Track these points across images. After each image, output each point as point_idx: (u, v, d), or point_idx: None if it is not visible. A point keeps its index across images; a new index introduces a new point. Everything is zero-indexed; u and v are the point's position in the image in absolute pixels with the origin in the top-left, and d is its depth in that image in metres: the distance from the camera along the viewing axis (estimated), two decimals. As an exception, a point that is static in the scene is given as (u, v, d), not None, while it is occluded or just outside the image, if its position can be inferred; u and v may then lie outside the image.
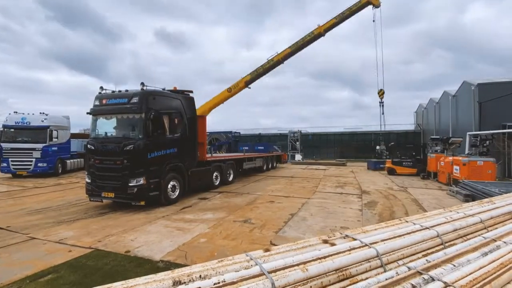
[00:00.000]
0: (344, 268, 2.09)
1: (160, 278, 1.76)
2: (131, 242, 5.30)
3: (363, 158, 28.67)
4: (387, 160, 17.97)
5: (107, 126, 8.67)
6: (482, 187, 8.54)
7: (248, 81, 14.36)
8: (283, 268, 1.96)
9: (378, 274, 2.12)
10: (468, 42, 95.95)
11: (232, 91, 14.66)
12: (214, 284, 1.73)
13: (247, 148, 27.06)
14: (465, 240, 2.88)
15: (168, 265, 4.25)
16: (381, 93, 19.42)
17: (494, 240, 2.62)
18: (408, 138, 31.13)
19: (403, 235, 2.73)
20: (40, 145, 15.66)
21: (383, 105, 19.94)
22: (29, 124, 15.80)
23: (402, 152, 17.27)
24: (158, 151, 8.14)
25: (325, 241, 2.52)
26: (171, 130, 8.69)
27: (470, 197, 8.56)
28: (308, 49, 14.69)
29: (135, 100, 7.86)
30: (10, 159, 15.38)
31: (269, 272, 1.88)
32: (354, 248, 2.36)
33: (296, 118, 77.71)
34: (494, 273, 1.99)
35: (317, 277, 1.94)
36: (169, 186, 8.49)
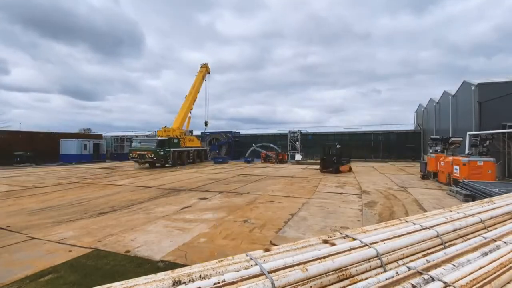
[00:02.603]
0: (344, 268, 2.08)
1: (160, 278, 1.76)
2: (131, 242, 5.30)
3: (363, 158, 28.72)
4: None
5: None
6: (482, 187, 8.54)
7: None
8: (283, 268, 1.96)
9: (378, 274, 2.12)
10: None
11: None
12: (214, 284, 1.73)
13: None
14: (465, 240, 2.87)
15: (168, 265, 4.25)
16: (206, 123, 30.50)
17: (494, 240, 2.62)
18: (408, 138, 31.17)
19: (403, 235, 2.73)
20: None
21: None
22: None
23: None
24: None
25: (325, 241, 2.52)
26: None
27: (470, 197, 8.56)
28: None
29: None
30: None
31: (269, 272, 1.88)
32: (354, 248, 2.36)
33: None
34: (494, 273, 1.99)
35: (317, 277, 1.94)
36: None
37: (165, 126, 25.74)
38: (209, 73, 30.04)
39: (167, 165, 22.87)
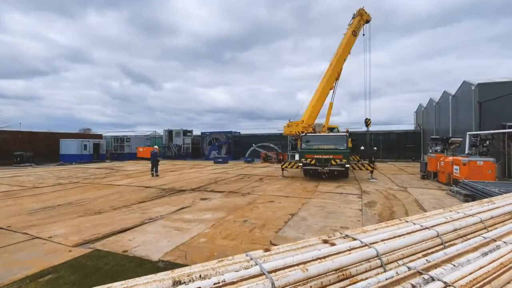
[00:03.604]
0: (344, 268, 2.08)
1: (160, 278, 1.76)
2: (129, 242, 5.30)
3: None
4: None
5: None
6: (482, 187, 8.54)
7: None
8: (283, 268, 1.96)
9: (378, 274, 2.12)
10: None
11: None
12: (214, 284, 1.73)
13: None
14: (465, 240, 2.87)
15: (168, 265, 4.25)
16: (368, 122, 19.93)
17: (494, 240, 2.62)
18: (408, 138, 31.17)
19: (403, 235, 2.73)
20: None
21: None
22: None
23: None
24: None
25: (325, 241, 2.52)
26: None
27: (470, 197, 8.56)
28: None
29: None
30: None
31: (269, 272, 1.88)
32: (354, 248, 2.36)
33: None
34: (494, 273, 1.99)
35: (317, 277, 1.94)
36: None
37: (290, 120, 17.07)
38: (368, 22, 18.04)
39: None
